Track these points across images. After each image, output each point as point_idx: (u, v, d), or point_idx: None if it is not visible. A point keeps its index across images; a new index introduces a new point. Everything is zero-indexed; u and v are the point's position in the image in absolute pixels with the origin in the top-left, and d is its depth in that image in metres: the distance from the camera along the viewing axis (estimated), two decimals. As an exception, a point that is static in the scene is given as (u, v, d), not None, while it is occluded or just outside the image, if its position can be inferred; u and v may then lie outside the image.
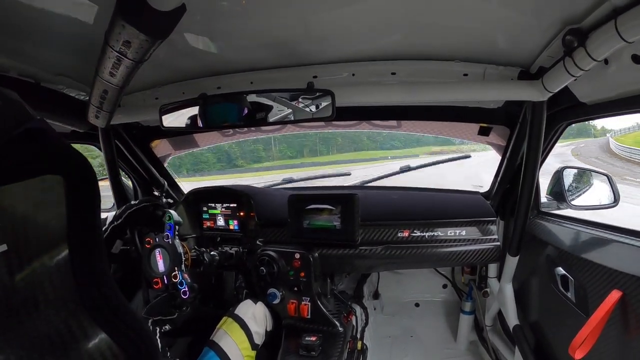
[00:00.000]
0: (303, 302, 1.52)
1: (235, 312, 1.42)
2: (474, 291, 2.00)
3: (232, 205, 1.77)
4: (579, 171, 1.67)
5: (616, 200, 1.40)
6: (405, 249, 1.54)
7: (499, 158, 1.70)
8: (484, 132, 1.67)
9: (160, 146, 2.04)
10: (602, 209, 1.46)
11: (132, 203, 1.46)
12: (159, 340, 1.23)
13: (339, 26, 1.05)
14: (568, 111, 1.28)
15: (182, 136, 2.01)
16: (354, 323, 1.70)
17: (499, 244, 1.55)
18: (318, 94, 1.15)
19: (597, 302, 1.01)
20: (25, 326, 0.63)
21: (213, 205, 1.81)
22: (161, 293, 1.31)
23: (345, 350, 1.45)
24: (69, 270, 0.70)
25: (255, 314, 1.44)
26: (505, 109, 1.51)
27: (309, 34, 1.10)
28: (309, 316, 1.51)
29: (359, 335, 1.82)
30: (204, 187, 1.90)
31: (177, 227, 1.35)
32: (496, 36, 1.09)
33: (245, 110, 1.17)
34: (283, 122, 1.24)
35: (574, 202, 1.51)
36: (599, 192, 1.49)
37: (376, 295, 2.27)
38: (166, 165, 2.12)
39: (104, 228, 1.37)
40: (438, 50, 1.21)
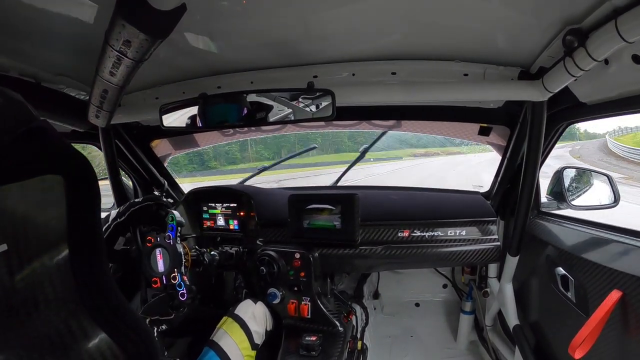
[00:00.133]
0: (303, 302, 1.52)
1: (235, 311, 1.41)
2: (474, 291, 2.00)
3: (232, 205, 1.77)
4: (579, 171, 1.66)
5: (616, 201, 1.40)
6: (405, 249, 1.54)
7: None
8: (484, 132, 1.67)
9: (161, 146, 2.04)
10: (602, 209, 1.45)
11: (136, 201, 1.45)
12: (156, 338, 1.23)
13: (339, 26, 1.05)
14: (568, 111, 1.28)
15: (182, 136, 2.01)
16: (354, 323, 1.70)
17: (499, 244, 1.55)
18: (318, 93, 1.15)
19: (597, 302, 1.01)
20: (25, 326, 0.63)
21: (213, 205, 1.81)
22: (159, 293, 1.31)
23: (345, 350, 1.45)
24: (69, 270, 0.70)
25: (255, 314, 1.44)
26: (506, 109, 1.51)
27: (309, 33, 1.10)
28: (309, 316, 1.51)
29: (359, 335, 1.82)
30: (204, 187, 1.89)
31: (179, 228, 1.35)
32: (496, 36, 1.09)
33: (245, 110, 1.17)
34: (283, 122, 1.24)
35: (574, 202, 1.51)
36: (599, 192, 1.49)
37: (376, 295, 2.27)
38: (166, 165, 2.12)
39: (106, 225, 1.37)
40: (438, 50, 1.21)
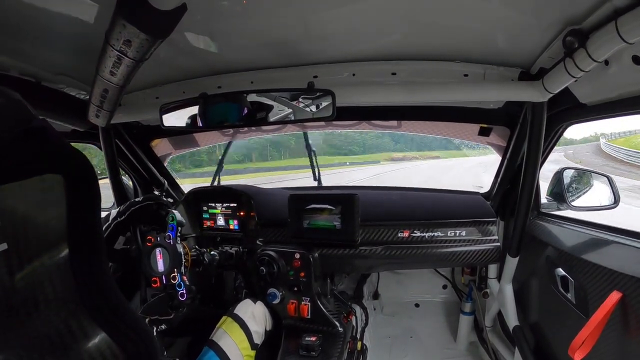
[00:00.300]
0: (303, 302, 1.52)
1: (235, 311, 1.41)
2: (474, 292, 2.00)
3: (232, 205, 1.77)
4: (578, 172, 1.67)
5: (616, 201, 1.40)
6: (405, 249, 1.54)
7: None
8: (484, 132, 1.67)
9: (161, 145, 2.04)
10: (602, 210, 1.45)
11: (137, 200, 1.44)
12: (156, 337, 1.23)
13: (339, 26, 1.05)
14: (568, 112, 1.28)
15: (182, 135, 2.01)
16: (353, 323, 1.70)
17: (499, 244, 1.55)
18: (318, 93, 1.15)
19: (597, 303, 1.01)
20: (25, 326, 0.63)
21: (213, 204, 1.81)
22: (159, 292, 1.30)
23: (345, 350, 1.45)
24: (69, 270, 0.70)
25: (254, 313, 1.44)
26: (506, 109, 1.51)
27: (309, 33, 1.10)
28: (308, 316, 1.51)
29: (358, 336, 1.82)
30: (204, 187, 1.89)
31: (179, 228, 1.35)
32: (497, 37, 1.09)
33: (246, 109, 1.17)
34: (283, 121, 1.24)
35: (574, 203, 1.51)
36: (599, 193, 1.49)
37: (376, 296, 2.27)
38: (166, 164, 2.12)
39: (107, 224, 1.36)
40: (438, 50, 1.21)
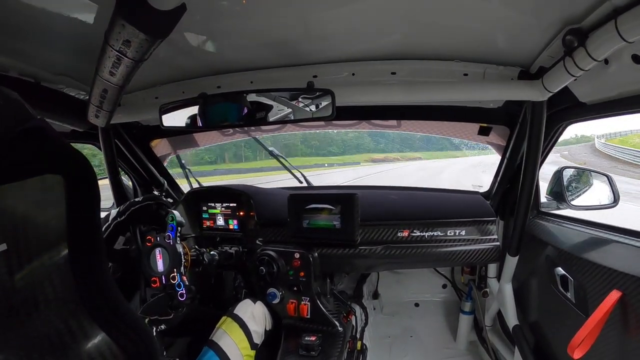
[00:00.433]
0: (303, 302, 1.52)
1: (235, 311, 1.41)
2: (474, 291, 2.00)
3: (231, 204, 1.77)
4: (578, 171, 1.67)
5: (616, 201, 1.40)
6: (405, 249, 1.54)
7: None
8: (483, 131, 1.67)
9: (160, 146, 2.04)
10: (601, 209, 1.46)
11: (136, 200, 1.44)
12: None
13: (339, 26, 1.05)
14: (568, 111, 1.28)
15: (182, 135, 2.01)
16: (353, 323, 1.70)
17: (498, 244, 1.55)
18: (318, 93, 1.15)
19: (597, 302, 1.01)
20: (25, 326, 0.63)
21: (213, 204, 1.81)
22: (158, 292, 1.31)
23: (344, 350, 1.45)
24: (69, 270, 0.70)
25: (254, 313, 1.44)
26: (505, 108, 1.51)
27: (308, 33, 1.10)
28: (308, 316, 1.51)
29: (358, 335, 1.82)
30: (203, 187, 1.89)
31: (179, 228, 1.35)
32: (496, 36, 1.09)
33: (245, 109, 1.17)
34: (283, 121, 1.24)
35: (573, 202, 1.51)
36: (598, 192, 1.49)
37: (376, 295, 2.27)
38: (166, 164, 2.11)
39: (107, 224, 1.36)
40: (438, 50, 1.21)
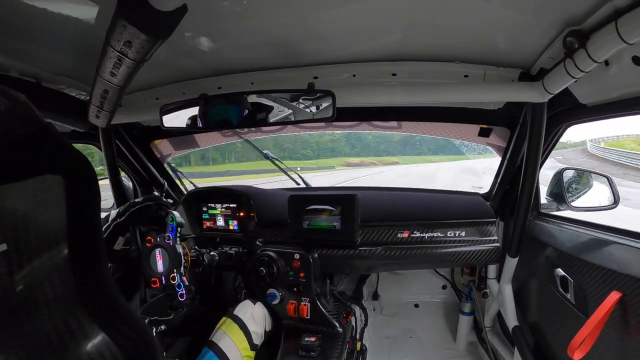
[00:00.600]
0: (302, 303, 1.52)
1: (234, 312, 1.41)
2: (474, 292, 2.00)
3: (231, 205, 1.77)
4: (578, 173, 1.67)
5: (616, 202, 1.40)
6: (404, 250, 1.54)
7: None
8: (484, 133, 1.67)
9: (161, 146, 2.04)
10: (601, 210, 1.46)
11: (136, 201, 1.44)
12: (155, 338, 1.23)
13: (339, 26, 1.05)
14: (568, 112, 1.28)
15: (182, 136, 2.01)
16: (353, 324, 1.70)
17: (498, 245, 1.55)
18: (319, 94, 1.15)
19: (597, 303, 1.01)
20: (25, 326, 0.63)
21: (213, 205, 1.80)
22: (158, 293, 1.31)
23: (344, 350, 1.45)
24: (69, 270, 0.69)
25: (254, 314, 1.44)
26: (506, 110, 1.51)
27: (309, 34, 1.10)
28: (308, 317, 1.51)
29: (358, 336, 1.82)
30: (203, 188, 1.89)
31: (179, 229, 1.35)
32: (497, 37, 1.09)
33: (246, 110, 1.17)
34: (284, 122, 1.24)
35: (573, 204, 1.51)
36: (598, 193, 1.50)
37: (375, 296, 2.27)
38: (166, 165, 2.12)
39: (106, 225, 1.36)
40: (438, 51, 1.21)
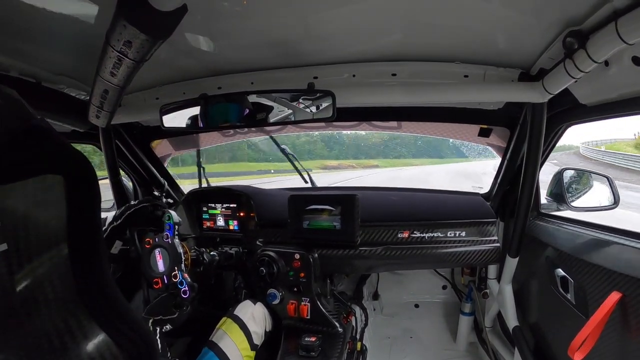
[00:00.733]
0: (303, 303, 1.52)
1: (235, 312, 1.42)
2: (474, 292, 2.00)
3: (232, 205, 1.77)
4: (578, 173, 1.67)
5: (616, 202, 1.40)
6: (405, 250, 1.54)
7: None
8: (484, 133, 1.67)
9: (161, 146, 2.04)
10: (602, 210, 1.46)
11: (132, 203, 1.45)
12: (159, 340, 1.23)
13: (340, 26, 1.05)
14: (568, 113, 1.28)
15: (182, 136, 2.01)
16: (353, 324, 1.70)
17: (498, 245, 1.55)
18: (318, 94, 1.15)
19: (597, 303, 1.01)
20: (25, 326, 0.63)
21: (213, 205, 1.81)
22: (161, 293, 1.31)
23: (344, 350, 1.45)
24: (69, 270, 0.69)
25: (254, 315, 1.44)
26: (506, 110, 1.51)
27: (309, 33, 1.10)
28: (308, 317, 1.51)
29: (358, 336, 1.82)
30: (204, 188, 1.90)
31: (176, 227, 1.35)
32: (497, 37, 1.09)
33: (246, 110, 1.17)
34: (284, 122, 1.24)
35: (574, 204, 1.51)
36: (598, 193, 1.49)
37: (376, 296, 2.27)
38: (166, 165, 2.12)
39: (103, 228, 1.37)
40: (438, 51, 1.21)
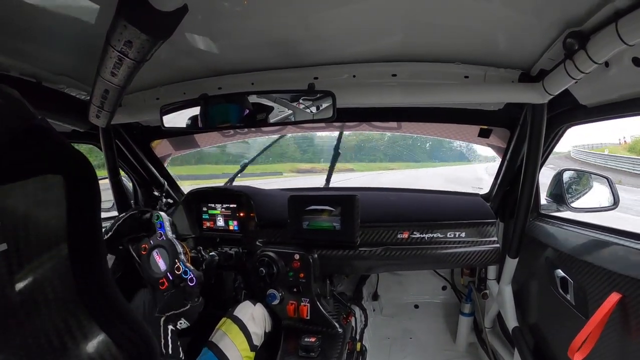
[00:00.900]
0: (302, 303, 1.51)
1: (234, 313, 1.41)
2: (474, 293, 2.00)
3: (231, 205, 1.77)
4: (578, 173, 1.67)
5: (616, 203, 1.40)
6: (404, 251, 1.54)
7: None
8: (484, 134, 1.67)
9: (161, 146, 2.04)
10: (601, 211, 1.46)
11: (120, 216, 1.49)
12: (170, 340, 1.22)
13: (340, 26, 1.05)
14: (568, 113, 1.28)
15: (182, 136, 2.01)
16: (353, 324, 1.69)
17: (498, 245, 1.55)
18: (319, 95, 1.15)
19: (597, 304, 1.01)
20: (25, 326, 0.63)
21: (213, 205, 1.80)
22: (169, 291, 1.32)
23: (344, 351, 1.45)
24: (69, 270, 0.69)
25: (254, 315, 1.44)
26: (506, 111, 1.51)
27: (309, 34, 1.10)
28: (308, 317, 1.51)
29: (358, 337, 1.81)
30: (203, 188, 1.89)
31: (167, 223, 1.36)
32: (497, 38, 1.09)
33: (246, 110, 1.17)
34: (284, 123, 1.24)
35: (573, 205, 1.51)
36: (598, 194, 1.50)
37: (375, 297, 2.27)
38: (166, 165, 2.11)
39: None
40: (439, 52, 1.21)
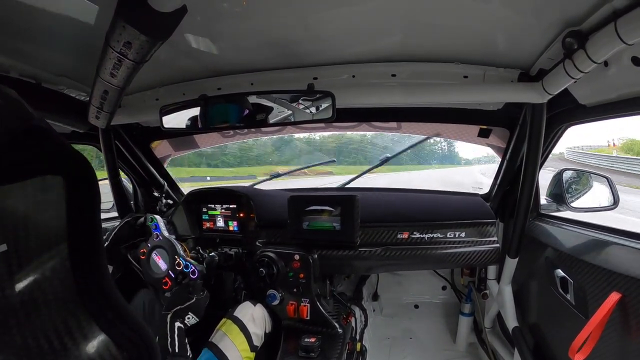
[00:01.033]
0: (302, 304, 1.51)
1: (235, 313, 1.41)
2: (473, 293, 2.00)
3: (231, 206, 1.76)
4: (578, 173, 1.67)
5: (615, 203, 1.40)
6: (404, 251, 1.54)
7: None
8: (483, 133, 1.67)
9: (161, 147, 2.04)
10: (601, 210, 1.46)
11: (115, 226, 1.50)
12: (177, 338, 1.21)
13: (340, 27, 1.05)
14: (568, 113, 1.28)
15: (182, 137, 2.01)
16: (353, 324, 1.69)
17: (498, 245, 1.55)
18: (318, 95, 1.15)
19: (597, 304, 1.01)
20: (25, 326, 0.63)
21: (213, 206, 1.80)
22: (173, 289, 1.32)
23: (344, 351, 1.45)
24: (69, 270, 0.69)
25: (254, 316, 1.44)
26: (505, 111, 1.51)
27: (309, 34, 1.10)
28: (308, 317, 1.51)
29: (358, 337, 1.81)
30: (203, 188, 1.90)
31: (162, 223, 1.37)
32: (496, 38, 1.09)
33: (246, 111, 1.18)
34: (283, 123, 1.24)
35: (573, 204, 1.51)
36: (598, 194, 1.50)
37: (375, 297, 2.27)
38: (166, 166, 2.12)
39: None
40: (438, 52, 1.21)
